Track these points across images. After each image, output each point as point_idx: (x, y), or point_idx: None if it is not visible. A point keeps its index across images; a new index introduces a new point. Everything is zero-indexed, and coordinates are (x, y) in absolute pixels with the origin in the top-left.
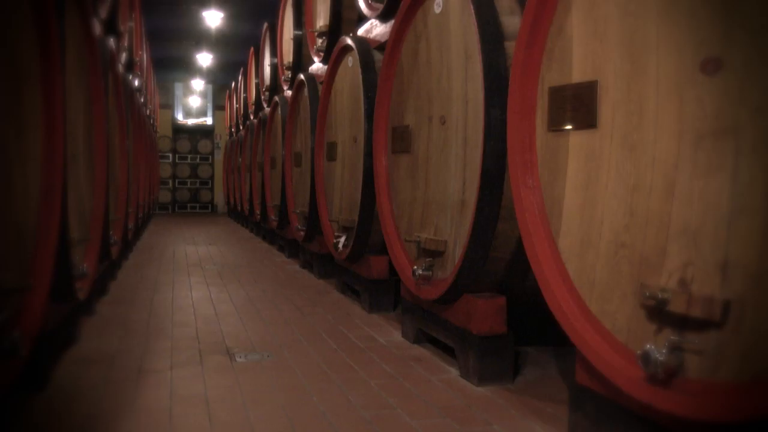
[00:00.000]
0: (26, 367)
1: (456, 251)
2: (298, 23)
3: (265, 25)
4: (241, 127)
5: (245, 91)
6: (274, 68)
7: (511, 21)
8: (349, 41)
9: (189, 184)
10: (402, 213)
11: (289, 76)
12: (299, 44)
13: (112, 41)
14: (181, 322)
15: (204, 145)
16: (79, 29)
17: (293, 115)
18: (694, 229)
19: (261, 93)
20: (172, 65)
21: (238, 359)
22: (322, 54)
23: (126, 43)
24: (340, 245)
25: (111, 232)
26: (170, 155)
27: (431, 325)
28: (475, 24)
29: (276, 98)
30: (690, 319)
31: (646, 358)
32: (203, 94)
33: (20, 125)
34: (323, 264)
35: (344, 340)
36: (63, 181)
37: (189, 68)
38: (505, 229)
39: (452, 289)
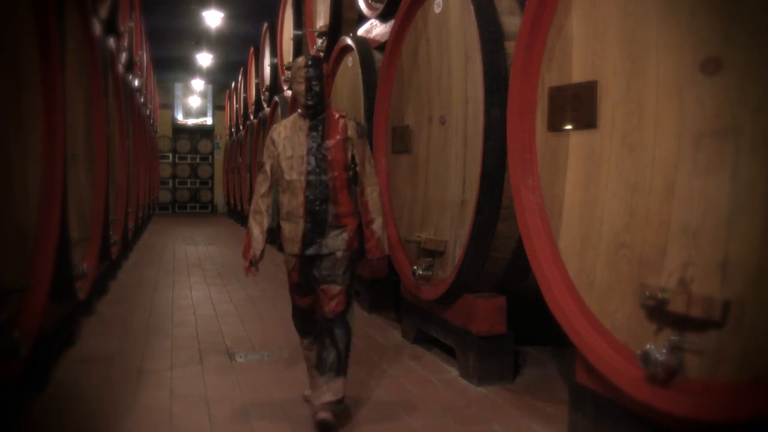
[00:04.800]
0: (26, 367)
1: (456, 251)
2: (298, 23)
3: (265, 25)
4: (241, 127)
5: (245, 91)
6: (274, 68)
7: (511, 21)
8: (349, 41)
9: (189, 184)
10: (402, 213)
11: (289, 76)
12: (299, 44)
13: (112, 41)
14: (181, 322)
15: (204, 145)
16: (79, 29)
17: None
18: (694, 228)
19: (261, 93)
20: (172, 65)
21: (238, 359)
22: (322, 54)
23: (126, 43)
24: None
25: (111, 232)
26: (170, 155)
27: (431, 325)
28: (475, 24)
29: (276, 98)
30: (690, 319)
31: (645, 357)
32: (203, 94)
33: (20, 125)
34: None
35: None
36: (63, 181)
37: (189, 68)
38: (505, 229)
39: (452, 289)
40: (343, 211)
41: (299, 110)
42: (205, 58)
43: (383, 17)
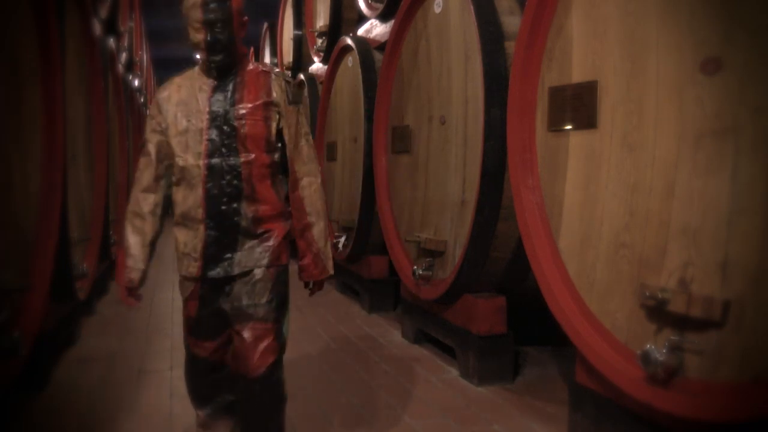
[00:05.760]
0: (26, 367)
1: (456, 251)
2: (298, 23)
3: (265, 25)
4: None
5: None
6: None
7: (511, 21)
8: (349, 41)
9: None
10: (402, 213)
11: (289, 76)
12: (299, 44)
13: (112, 41)
14: (182, 322)
15: None
16: (79, 29)
17: None
18: (694, 228)
19: None
20: (172, 65)
21: None
22: (322, 54)
23: (126, 43)
24: (340, 245)
25: (111, 232)
26: None
27: (431, 325)
28: (475, 24)
29: None
30: (690, 319)
31: (646, 357)
32: None
33: (20, 125)
34: None
35: (344, 340)
36: (63, 181)
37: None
38: (505, 229)
39: (452, 289)
40: (264, 211)
41: (199, 65)
42: None
43: (383, 17)
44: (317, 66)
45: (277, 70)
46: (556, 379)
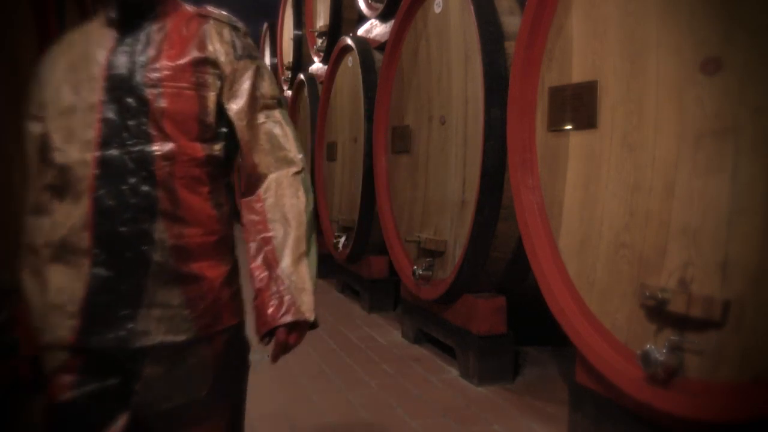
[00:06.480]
0: (26, 367)
1: (456, 251)
2: (298, 23)
3: (265, 25)
4: None
5: None
6: (274, 68)
7: (511, 21)
8: (349, 41)
9: None
10: (402, 213)
11: (289, 76)
12: (299, 44)
13: None
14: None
15: None
16: None
17: (293, 115)
18: (694, 228)
19: None
20: None
21: None
22: (322, 54)
23: None
24: (340, 245)
25: None
26: None
27: (431, 325)
28: (475, 24)
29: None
30: (690, 319)
31: (646, 358)
32: None
33: (20, 126)
34: (323, 264)
35: (344, 340)
36: None
37: None
38: (505, 229)
39: (452, 289)
40: (193, 237)
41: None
42: None
43: (383, 17)
44: (317, 66)
45: (223, 13)
46: (556, 379)
